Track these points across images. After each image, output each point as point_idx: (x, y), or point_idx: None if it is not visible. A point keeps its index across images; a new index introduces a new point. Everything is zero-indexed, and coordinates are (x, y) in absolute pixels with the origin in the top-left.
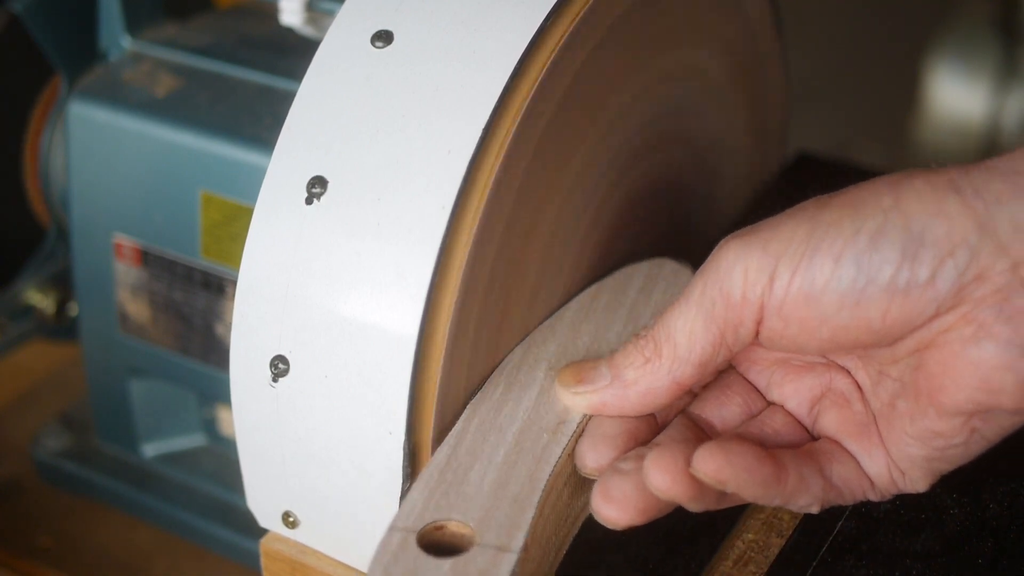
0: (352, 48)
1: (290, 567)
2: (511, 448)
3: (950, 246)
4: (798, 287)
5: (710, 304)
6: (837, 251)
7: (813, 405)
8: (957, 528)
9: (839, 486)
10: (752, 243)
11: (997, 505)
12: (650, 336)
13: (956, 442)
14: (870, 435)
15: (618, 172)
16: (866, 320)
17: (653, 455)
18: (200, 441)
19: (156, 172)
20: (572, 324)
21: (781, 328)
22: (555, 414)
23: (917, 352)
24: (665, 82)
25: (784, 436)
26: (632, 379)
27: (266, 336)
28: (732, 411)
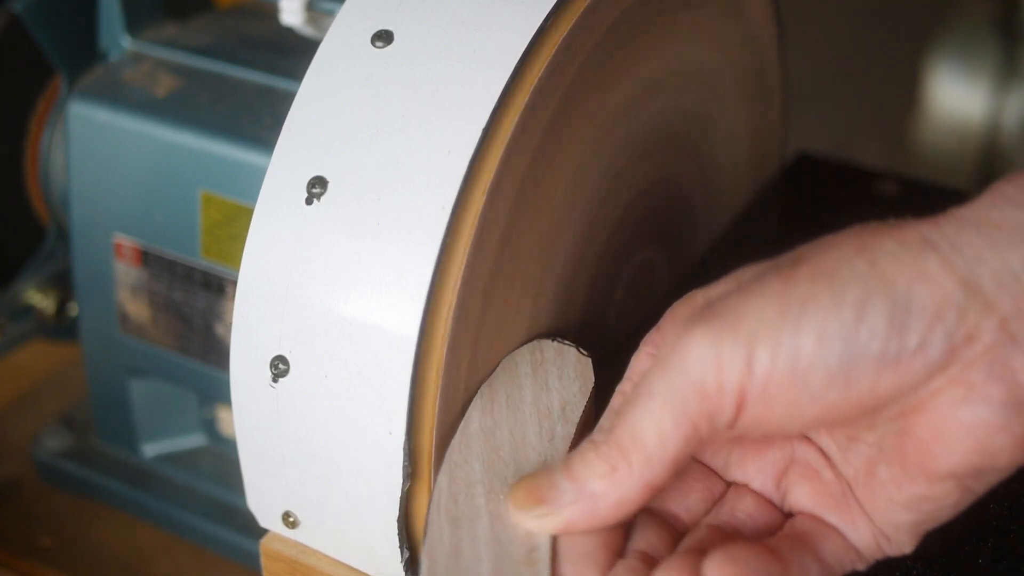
0: (352, 48)
1: (290, 567)
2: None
3: (937, 309)
4: (782, 369)
5: (680, 399)
6: (819, 327)
7: (780, 480)
8: (957, 528)
9: (832, 564)
10: (718, 327)
11: (997, 505)
12: (612, 441)
13: (946, 504)
14: (849, 505)
15: (618, 172)
16: (856, 395)
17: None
18: (200, 441)
19: (156, 172)
20: (485, 437)
21: (765, 414)
22: (520, 542)
23: (900, 417)
24: (664, 82)
25: (758, 519)
26: (600, 491)
27: (266, 336)
28: (695, 499)
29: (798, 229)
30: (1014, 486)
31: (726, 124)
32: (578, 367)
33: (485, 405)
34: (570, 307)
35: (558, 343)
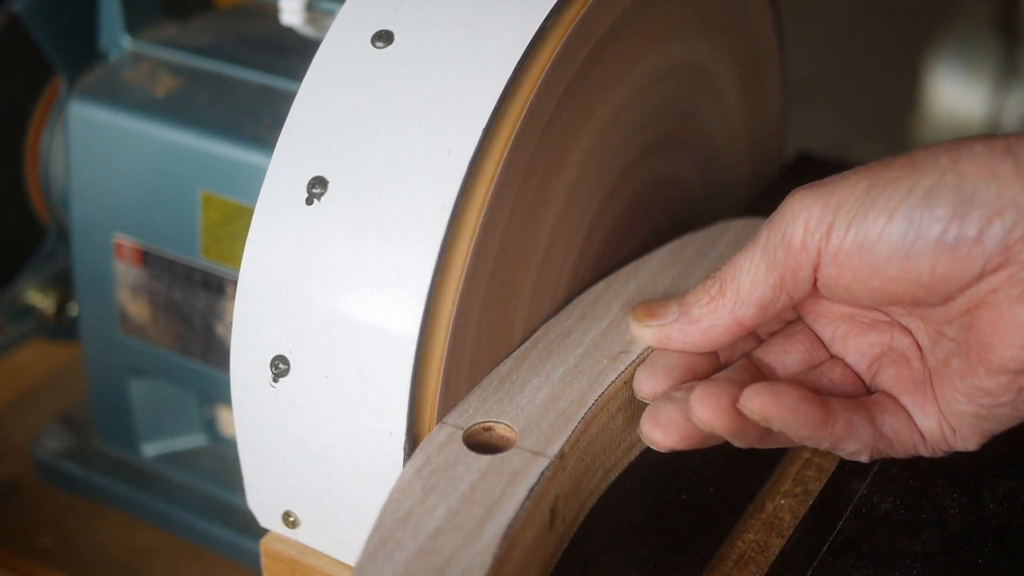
0: (352, 48)
1: (290, 567)
2: (570, 368)
3: (999, 206)
4: (852, 238)
5: (772, 249)
6: (892, 206)
7: (873, 361)
8: (957, 528)
9: (890, 437)
10: (816, 194)
11: (997, 505)
12: (717, 277)
13: (1003, 400)
14: (925, 392)
15: (618, 171)
16: (915, 273)
17: (699, 389)
18: (200, 441)
19: (156, 172)
20: (656, 269)
21: (835, 275)
22: (619, 344)
23: (969, 312)
24: (665, 82)
25: (841, 387)
26: (697, 316)
27: (266, 336)
28: (794, 359)
29: None
30: (1013, 486)
31: (726, 124)
32: None
33: (674, 249)
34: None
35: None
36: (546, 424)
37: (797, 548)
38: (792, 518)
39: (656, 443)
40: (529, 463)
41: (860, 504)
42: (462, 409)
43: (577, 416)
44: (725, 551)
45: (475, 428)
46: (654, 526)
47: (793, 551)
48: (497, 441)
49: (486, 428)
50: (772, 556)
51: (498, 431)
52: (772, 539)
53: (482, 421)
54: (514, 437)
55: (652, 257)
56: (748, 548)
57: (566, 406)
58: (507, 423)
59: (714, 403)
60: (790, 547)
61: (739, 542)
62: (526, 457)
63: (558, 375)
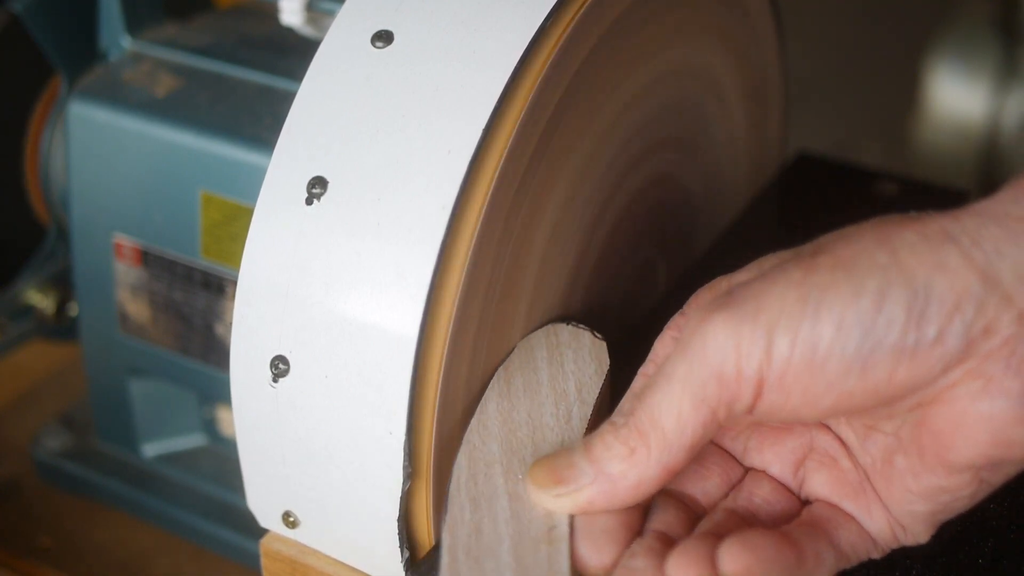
0: (352, 48)
1: (290, 567)
2: (515, 570)
3: (956, 300)
4: (800, 357)
5: (699, 384)
6: (838, 316)
7: (798, 468)
8: (957, 528)
9: (848, 552)
10: (740, 315)
11: (997, 505)
12: (631, 424)
13: (962, 495)
14: (865, 493)
15: (618, 171)
16: (873, 384)
17: (674, 561)
18: (200, 441)
19: (156, 172)
20: (502, 418)
21: (782, 401)
22: (539, 521)
23: (919, 408)
24: (665, 82)
25: (775, 505)
26: (619, 473)
27: (266, 336)
28: (713, 483)
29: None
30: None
31: (726, 124)
32: (593, 349)
33: (502, 388)
34: (570, 306)
35: (573, 326)
36: None
37: None
38: None
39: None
40: None
41: None
42: None
43: None
44: None
45: None
46: None
47: None
48: None
49: None
50: None
51: None
52: None
53: None
54: None
55: (486, 406)
56: None
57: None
58: None
59: (695, 572)
60: None
61: None
62: None
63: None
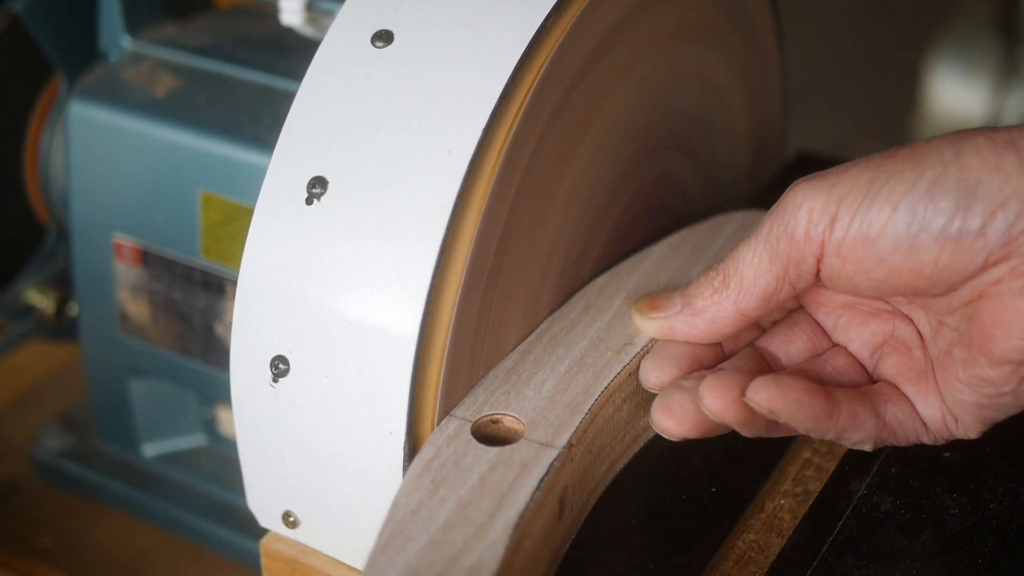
0: (352, 48)
1: (290, 567)
2: (576, 361)
3: (1002, 199)
4: (856, 230)
5: (775, 240)
6: (895, 198)
7: (875, 350)
8: (957, 528)
9: (893, 426)
10: (818, 186)
11: (997, 505)
12: (720, 269)
13: (1005, 390)
14: (927, 381)
15: (618, 171)
16: (918, 265)
17: (708, 380)
18: (200, 441)
19: (156, 172)
20: (657, 261)
21: (839, 267)
22: (623, 336)
23: (971, 303)
24: (665, 82)
25: (844, 376)
26: (701, 308)
27: (266, 336)
28: (797, 347)
29: None
30: (1013, 486)
31: (726, 123)
32: None
33: (675, 242)
34: None
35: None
36: (554, 416)
37: (797, 548)
38: (792, 518)
39: (667, 431)
40: (538, 454)
41: (860, 504)
42: (469, 402)
43: (584, 407)
44: (725, 551)
45: (483, 421)
46: (654, 526)
47: (793, 551)
48: (505, 433)
49: (494, 421)
50: (772, 556)
51: (506, 423)
52: (772, 539)
53: (490, 414)
54: (522, 429)
55: (653, 250)
56: (748, 548)
57: (573, 398)
58: (515, 415)
59: (724, 394)
60: (790, 547)
61: (739, 542)
62: (535, 448)
63: (563, 368)
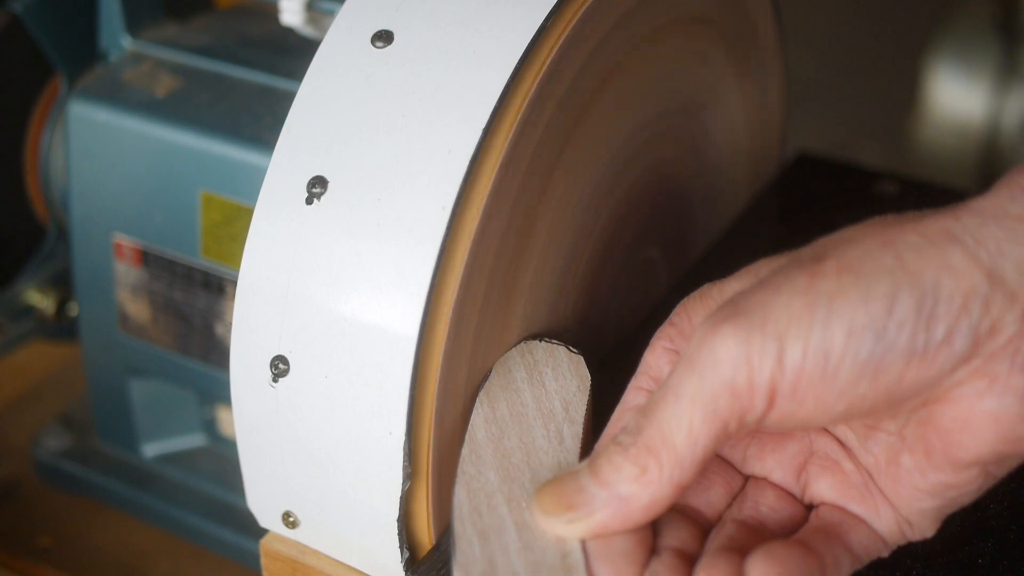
0: (352, 48)
1: (290, 567)
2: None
3: (963, 300)
4: (812, 365)
5: (710, 398)
6: (849, 321)
7: (800, 473)
8: (957, 528)
9: (860, 554)
10: (747, 325)
11: (997, 505)
12: (640, 443)
13: (970, 490)
14: (871, 494)
15: (618, 171)
16: (884, 387)
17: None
18: (200, 441)
19: (156, 172)
20: (493, 445)
21: (795, 409)
22: (552, 549)
23: (923, 407)
24: (665, 82)
25: (781, 512)
26: (632, 494)
27: (266, 336)
28: (716, 494)
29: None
30: (1014, 486)
31: (726, 123)
32: (571, 365)
33: (487, 414)
34: (569, 307)
35: (546, 343)
36: None
37: None
38: None
39: None
40: None
41: None
42: None
43: None
44: None
45: None
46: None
47: None
48: None
49: None
50: None
51: None
52: None
53: None
54: None
55: (475, 434)
56: None
57: None
58: None
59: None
60: None
61: None
62: None
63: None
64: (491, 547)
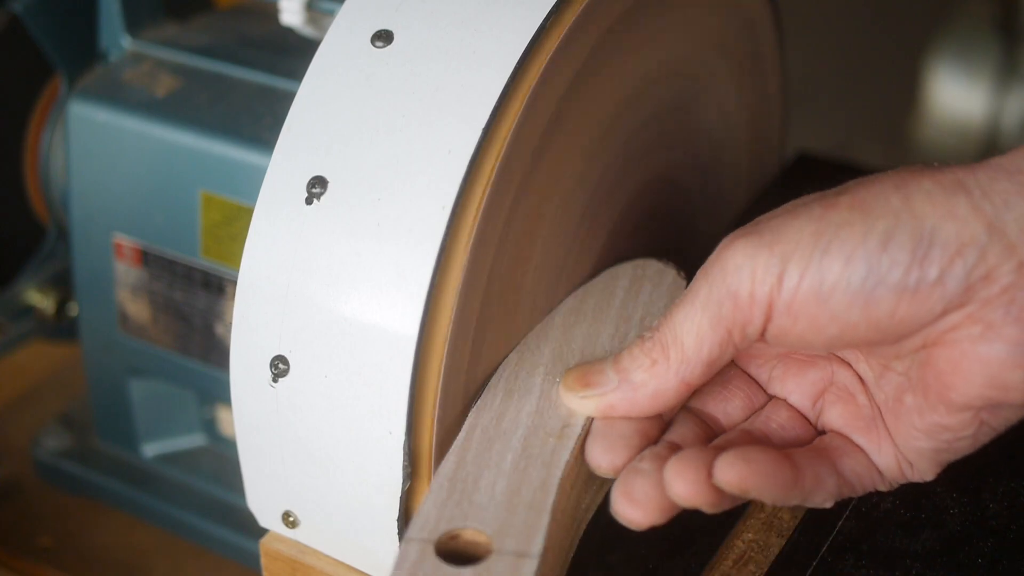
0: (352, 48)
1: (290, 567)
2: (518, 454)
3: (959, 246)
4: (808, 286)
5: (716, 304)
6: (847, 252)
7: (816, 399)
8: (957, 528)
9: (851, 480)
10: (758, 243)
11: (997, 505)
12: (656, 339)
13: (964, 435)
14: (877, 429)
15: (618, 171)
16: (875, 319)
17: (673, 464)
18: (200, 441)
19: (156, 172)
20: (563, 329)
21: (789, 326)
22: (558, 418)
23: (924, 349)
24: (664, 82)
25: (789, 431)
26: (640, 382)
27: (266, 336)
28: (735, 406)
29: None
30: (1013, 485)
31: (726, 124)
32: (671, 287)
33: (573, 305)
34: None
35: (663, 263)
36: (518, 521)
37: (797, 548)
38: (792, 518)
39: (634, 522)
40: (516, 568)
41: (860, 504)
42: (422, 521)
43: (546, 506)
44: (725, 551)
45: (443, 538)
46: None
47: (793, 551)
48: (468, 548)
49: (452, 536)
50: (772, 556)
51: (465, 536)
52: (772, 539)
53: (448, 529)
54: (486, 541)
55: (555, 317)
56: (748, 548)
57: (530, 497)
58: (475, 526)
59: (692, 477)
60: (790, 547)
61: (739, 542)
62: (510, 562)
63: (508, 464)
64: (509, 403)
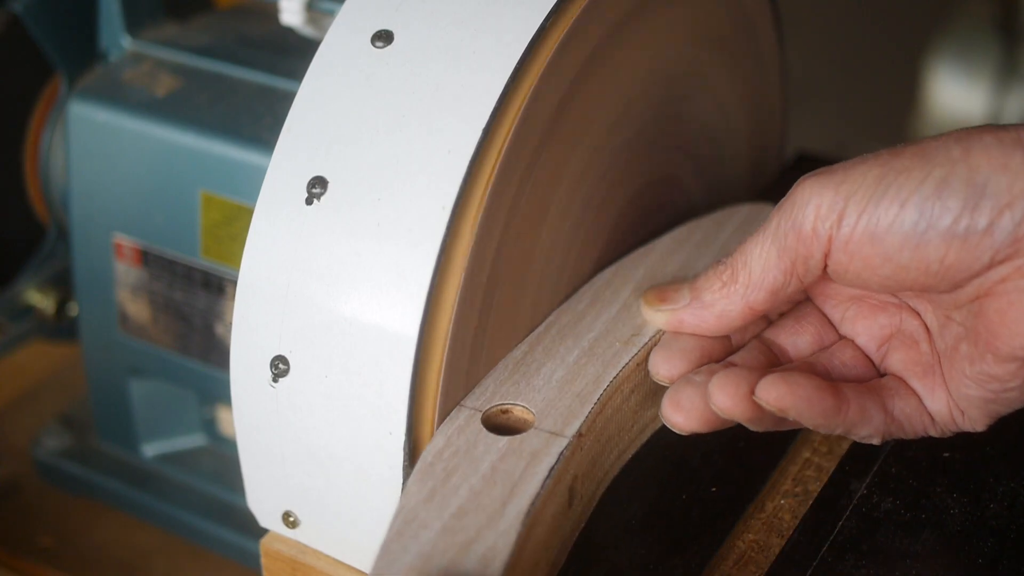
0: (352, 48)
1: (290, 567)
2: (584, 351)
3: (1010, 198)
4: (863, 226)
5: (783, 236)
6: (903, 196)
7: (882, 343)
8: (957, 528)
9: (900, 420)
10: (826, 182)
11: (997, 505)
12: (728, 263)
13: (1011, 385)
14: (934, 375)
15: (618, 172)
16: (925, 262)
17: (718, 377)
18: (200, 441)
19: (156, 172)
20: (663, 254)
21: (846, 263)
22: (631, 327)
23: (977, 299)
24: (664, 82)
25: (851, 369)
26: (710, 301)
27: (266, 336)
28: (805, 340)
29: None
30: (1013, 485)
31: (726, 124)
32: None
33: (682, 235)
34: None
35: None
36: (563, 406)
37: (797, 548)
38: (792, 518)
39: (677, 426)
40: (548, 443)
41: (860, 504)
42: (479, 392)
43: (593, 397)
44: (725, 551)
45: (493, 411)
46: (654, 526)
47: (793, 551)
48: (515, 423)
49: (504, 411)
50: (772, 556)
51: (516, 413)
52: (772, 539)
53: (499, 403)
54: (532, 419)
55: (659, 243)
56: (748, 548)
57: (582, 388)
58: (524, 405)
59: (733, 391)
60: (790, 547)
61: (739, 542)
62: (544, 438)
63: (572, 358)
64: (591, 309)
